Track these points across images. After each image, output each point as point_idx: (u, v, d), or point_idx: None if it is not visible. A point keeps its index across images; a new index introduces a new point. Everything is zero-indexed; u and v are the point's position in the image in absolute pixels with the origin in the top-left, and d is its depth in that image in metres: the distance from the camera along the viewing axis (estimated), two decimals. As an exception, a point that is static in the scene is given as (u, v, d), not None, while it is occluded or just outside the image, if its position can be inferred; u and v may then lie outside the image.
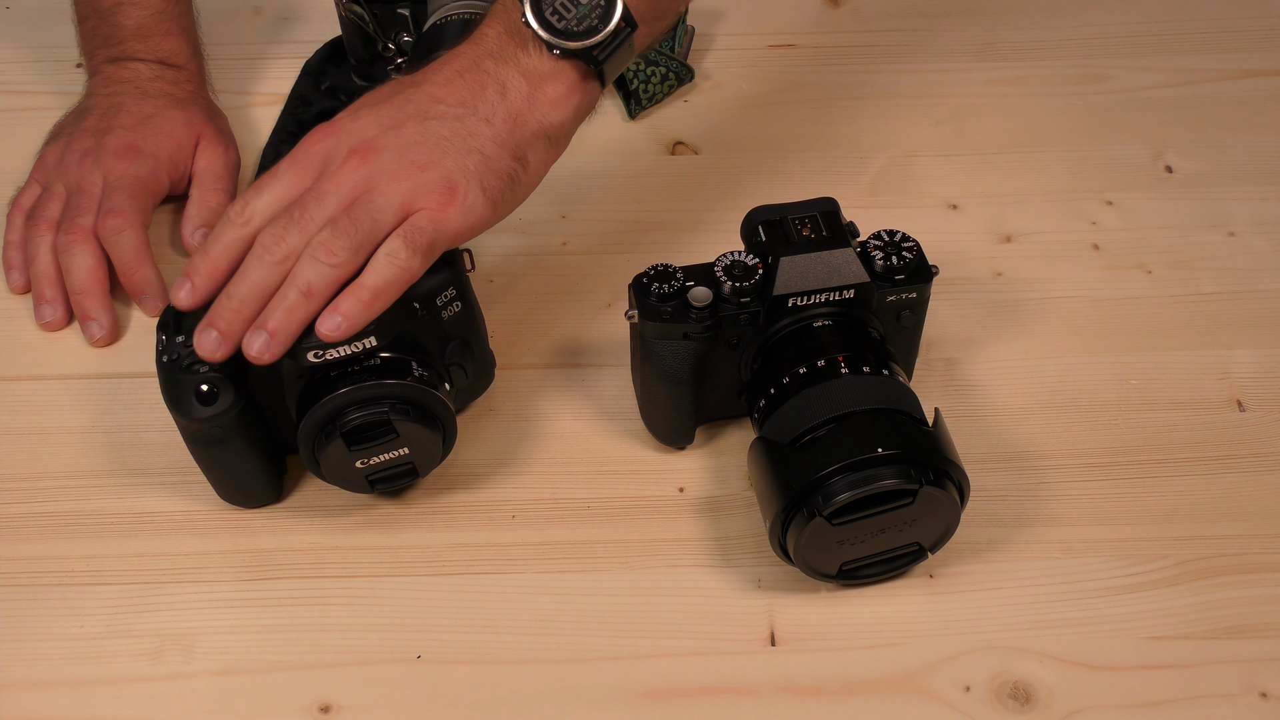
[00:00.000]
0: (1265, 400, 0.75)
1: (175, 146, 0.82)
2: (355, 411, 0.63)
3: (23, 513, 0.69)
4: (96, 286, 0.77)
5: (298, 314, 0.60)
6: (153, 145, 0.81)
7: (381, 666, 0.64)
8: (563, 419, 0.74)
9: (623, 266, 0.71)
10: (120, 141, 0.81)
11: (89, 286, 0.77)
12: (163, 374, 0.63)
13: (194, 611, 0.66)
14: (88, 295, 0.77)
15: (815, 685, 0.63)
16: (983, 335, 0.78)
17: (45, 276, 0.78)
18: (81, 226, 0.78)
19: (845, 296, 0.66)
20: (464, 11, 0.85)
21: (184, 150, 0.83)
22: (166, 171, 0.82)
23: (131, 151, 0.80)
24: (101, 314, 0.77)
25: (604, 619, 0.66)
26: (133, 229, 0.77)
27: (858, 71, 0.96)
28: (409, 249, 0.60)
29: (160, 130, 0.82)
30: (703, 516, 0.70)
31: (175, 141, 0.82)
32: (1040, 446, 0.72)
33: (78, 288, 0.77)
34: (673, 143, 0.91)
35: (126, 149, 0.80)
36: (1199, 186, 0.87)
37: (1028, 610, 0.66)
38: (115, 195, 0.78)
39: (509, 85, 0.64)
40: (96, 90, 0.84)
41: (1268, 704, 0.62)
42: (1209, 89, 0.95)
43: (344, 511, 0.70)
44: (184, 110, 0.84)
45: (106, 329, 0.77)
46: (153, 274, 0.78)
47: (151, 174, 0.80)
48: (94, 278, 0.77)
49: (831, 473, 0.60)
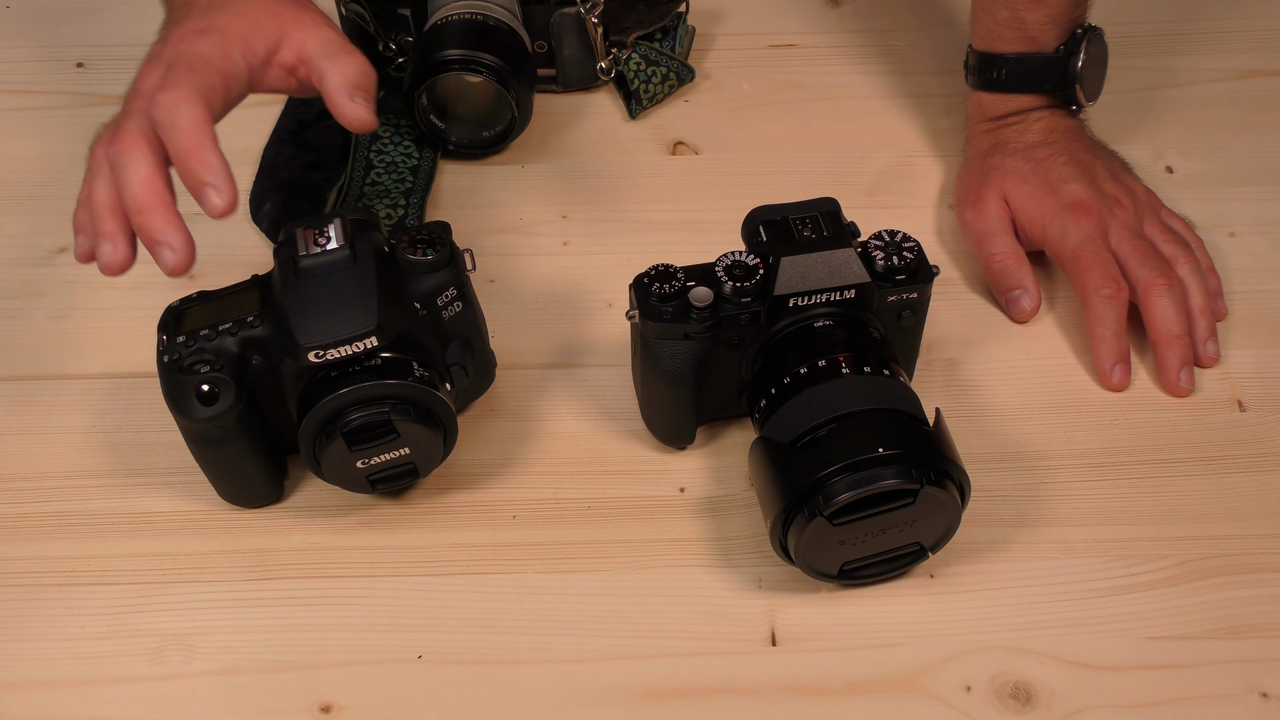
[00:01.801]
0: (1265, 400, 0.75)
1: (250, 25, 0.67)
2: (356, 411, 0.63)
3: (23, 513, 0.69)
4: (156, 198, 0.62)
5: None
6: (221, 22, 0.66)
7: (382, 666, 0.64)
8: (563, 419, 0.74)
9: (623, 266, 0.71)
10: (184, 30, 0.67)
11: (148, 200, 0.61)
12: (163, 374, 0.64)
13: (195, 611, 0.66)
14: (149, 211, 0.61)
15: (816, 685, 0.63)
16: (983, 335, 0.78)
17: (102, 206, 0.63)
18: (128, 129, 0.63)
19: (846, 297, 0.66)
20: (464, 11, 0.85)
21: (263, 31, 0.67)
22: (240, 51, 0.66)
23: (194, 34, 0.66)
24: (170, 233, 0.61)
25: (604, 619, 0.66)
26: (188, 101, 0.62)
27: (858, 71, 0.96)
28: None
29: (232, 10, 0.67)
30: (703, 516, 0.70)
31: (250, 20, 0.67)
32: (1041, 446, 0.72)
33: (135, 205, 0.61)
34: (673, 143, 0.91)
35: (189, 34, 0.66)
36: (1199, 186, 0.87)
37: (1028, 610, 0.66)
38: (171, 71, 0.64)
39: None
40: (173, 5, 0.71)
41: (1268, 704, 0.62)
42: (1209, 89, 0.95)
43: (344, 511, 0.70)
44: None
45: (180, 250, 0.61)
46: (215, 158, 0.62)
47: (220, 51, 0.65)
48: (151, 188, 0.62)
49: (832, 473, 0.60)
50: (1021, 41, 0.81)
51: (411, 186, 0.85)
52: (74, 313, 0.79)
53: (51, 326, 0.78)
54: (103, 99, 0.92)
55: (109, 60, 0.95)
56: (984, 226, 0.80)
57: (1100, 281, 0.75)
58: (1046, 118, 0.82)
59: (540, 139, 0.90)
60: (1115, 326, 0.75)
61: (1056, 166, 0.79)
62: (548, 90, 0.93)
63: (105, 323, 0.78)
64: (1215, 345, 0.76)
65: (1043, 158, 0.80)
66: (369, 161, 0.86)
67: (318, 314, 0.62)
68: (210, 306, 0.65)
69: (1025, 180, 0.79)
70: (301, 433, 0.63)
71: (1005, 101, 0.83)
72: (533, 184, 0.87)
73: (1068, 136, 0.82)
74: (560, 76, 0.92)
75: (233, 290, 0.66)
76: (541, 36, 0.90)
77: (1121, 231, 0.77)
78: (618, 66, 0.92)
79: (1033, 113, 0.82)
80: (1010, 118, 0.83)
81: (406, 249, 0.65)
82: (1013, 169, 0.80)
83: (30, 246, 0.83)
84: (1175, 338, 0.74)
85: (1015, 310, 0.78)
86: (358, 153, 0.86)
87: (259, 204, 0.84)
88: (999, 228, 0.80)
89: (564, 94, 0.93)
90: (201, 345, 0.63)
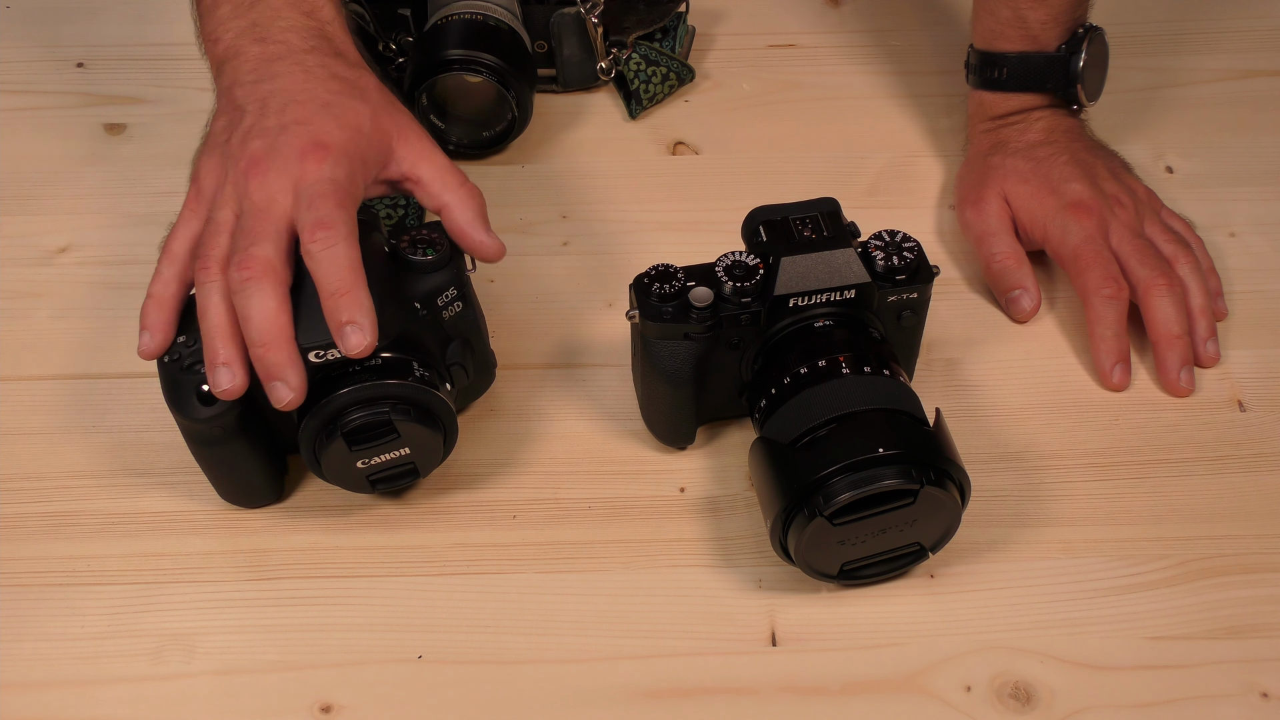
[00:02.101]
0: (1265, 400, 0.75)
1: (366, 144, 0.64)
2: (356, 411, 0.63)
3: (23, 513, 0.69)
4: (281, 334, 0.60)
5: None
6: (340, 140, 0.63)
7: (382, 666, 0.64)
8: (563, 419, 0.74)
9: (623, 266, 0.71)
10: (299, 140, 0.62)
11: (273, 336, 0.60)
12: (163, 374, 0.64)
13: (195, 611, 0.66)
14: (273, 347, 0.60)
15: (816, 685, 0.63)
16: (983, 335, 0.78)
17: (219, 331, 0.61)
18: (259, 258, 0.60)
19: (846, 297, 0.66)
20: (464, 11, 0.85)
21: (376, 148, 0.65)
22: (361, 175, 0.64)
23: (318, 150, 0.62)
24: (291, 370, 0.60)
25: (605, 619, 0.66)
26: (346, 241, 0.60)
27: (858, 71, 0.96)
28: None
29: (344, 122, 0.64)
30: (704, 516, 0.70)
31: (365, 137, 0.64)
32: (1041, 446, 0.72)
33: (259, 339, 0.60)
34: (673, 143, 0.91)
35: (311, 147, 0.62)
36: (1199, 186, 0.87)
37: (1029, 610, 0.66)
38: (318, 205, 0.61)
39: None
40: (239, 80, 0.66)
41: (1268, 704, 0.62)
42: (1209, 89, 0.95)
43: (345, 511, 0.70)
44: (365, 102, 0.66)
45: (297, 389, 0.61)
46: (367, 299, 0.60)
47: (349, 177, 0.63)
48: (277, 324, 0.60)
49: (832, 473, 0.60)
50: (1023, 40, 0.81)
51: (412, 186, 0.85)
52: (74, 313, 0.79)
53: (51, 326, 0.78)
54: (103, 99, 0.92)
55: (109, 60, 0.96)
56: (984, 226, 0.80)
57: (1100, 281, 0.75)
58: (1047, 117, 0.82)
59: (540, 139, 0.90)
60: (1115, 326, 0.75)
61: (1057, 166, 0.79)
62: (548, 90, 0.93)
63: (105, 323, 0.78)
64: (1215, 345, 0.76)
65: (1043, 157, 0.80)
66: (369, 161, 0.86)
67: (318, 314, 0.61)
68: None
69: (1026, 180, 0.79)
70: (302, 432, 0.63)
71: (1006, 101, 0.83)
72: (533, 184, 0.87)
73: (1068, 136, 0.82)
74: (560, 76, 0.92)
75: (233, 290, 0.66)
76: (541, 36, 0.90)
77: (1122, 231, 0.77)
78: (618, 66, 0.92)
79: (1033, 112, 0.82)
80: (1011, 117, 0.83)
81: (406, 249, 0.65)
82: (1013, 168, 0.80)
83: (30, 246, 0.83)
84: (1175, 338, 0.74)
85: (1015, 310, 0.78)
86: (358, 153, 0.86)
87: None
88: (999, 227, 0.80)
89: (564, 94, 0.93)
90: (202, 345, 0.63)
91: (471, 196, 0.67)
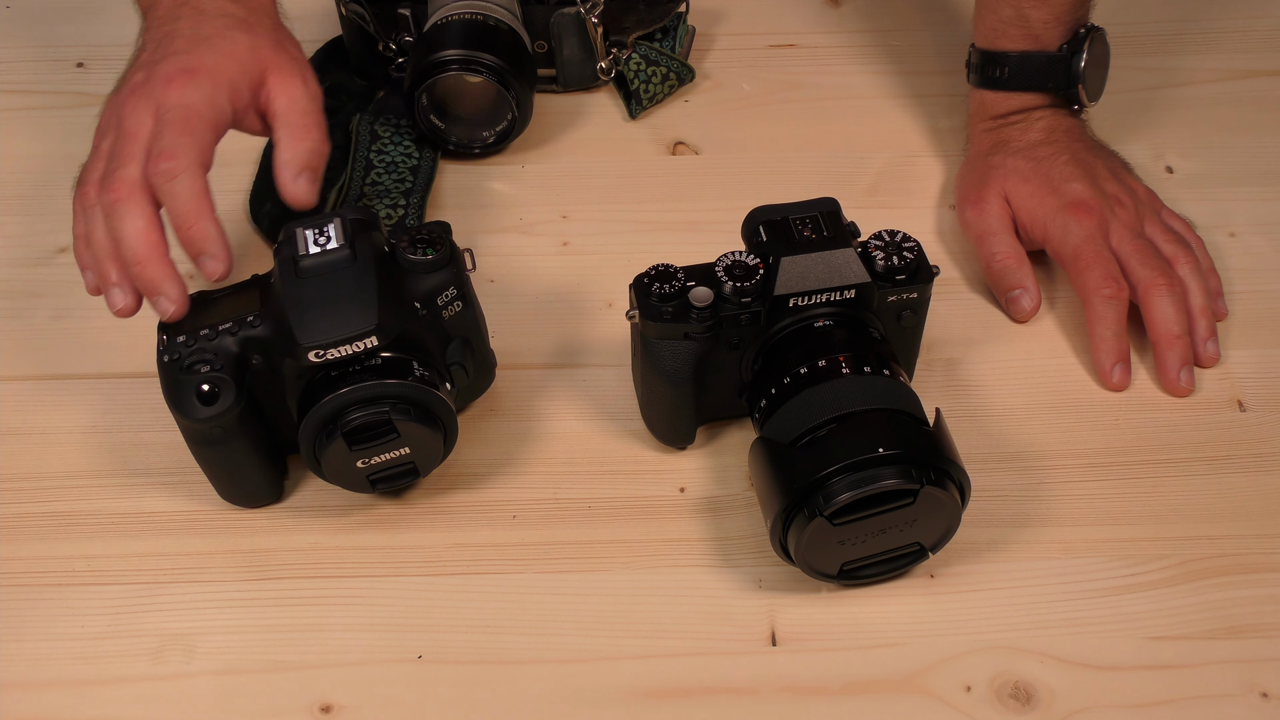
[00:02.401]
0: (1265, 400, 0.75)
1: (237, 68, 0.68)
2: (356, 411, 0.63)
3: (23, 513, 0.69)
4: (153, 251, 0.64)
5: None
6: (210, 64, 0.67)
7: (382, 666, 0.64)
8: (563, 419, 0.74)
9: (623, 266, 0.71)
10: (171, 67, 0.67)
11: (144, 253, 0.64)
12: (163, 373, 0.64)
13: (194, 611, 0.66)
14: (146, 263, 0.64)
15: (816, 685, 0.63)
16: (983, 335, 0.78)
17: (105, 253, 0.65)
18: (124, 179, 0.64)
19: (846, 297, 0.66)
20: (464, 11, 0.85)
21: (248, 75, 0.69)
22: (228, 96, 0.68)
23: (183, 75, 0.67)
24: (168, 284, 0.64)
25: (604, 619, 0.66)
26: (188, 172, 0.64)
27: (858, 71, 0.96)
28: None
29: (219, 50, 0.68)
30: (703, 516, 0.70)
31: (237, 63, 0.68)
32: (1041, 446, 0.72)
33: (133, 257, 0.64)
34: (673, 143, 0.91)
35: (177, 73, 0.67)
36: (1199, 186, 0.87)
37: (1028, 610, 0.66)
38: (165, 133, 0.65)
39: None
40: (151, 25, 0.72)
41: (1268, 704, 0.62)
42: (1209, 89, 0.95)
43: (345, 511, 0.70)
44: (248, 33, 0.70)
45: (176, 300, 0.64)
46: (213, 227, 0.65)
47: (209, 100, 0.67)
48: (147, 241, 0.64)
49: (832, 473, 0.60)
50: (1025, 40, 0.81)
51: (411, 186, 0.85)
52: (74, 313, 0.79)
53: (51, 326, 0.78)
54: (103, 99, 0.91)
55: (109, 60, 0.95)
56: (985, 226, 0.80)
57: (1101, 281, 0.75)
58: (1048, 117, 0.82)
59: (540, 139, 0.90)
60: (1115, 326, 0.75)
61: (1058, 166, 0.79)
62: (548, 90, 0.93)
63: (105, 323, 0.77)
64: (1215, 345, 0.76)
65: (1044, 157, 0.80)
66: (369, 161, 0.86)
67: (318, 314, 0.62)
68: (210, 306, 0.65)
69: (1026, 179, 0.79)
70: (302, 432, 0.63)
71: (1007, 100, 0.83)
72: (533, 184, 0.87)
73: (1069, 136, 0.82)
74: (560, 76, 0.92)
75: (233, 290, 0.66)
76: (541, 36, 0.90)
77: (1122, 231, 0.77)
78: (618, 66, 0.92)
79: (1034, 112, 0.82)
80: (1012, 116, 0.83)
81: (406, 249, 0.65)
82: (1014, 168, 0.80)
83: (30, 246, 0.83)
84: (1175, 338, 0.74)
85: (1015, 310, 0.78)
86: (358, 152, 0.86)
87: (259, 204, 0.84)
88: (1000, 227, 0.80)
89: (564, 94, 0.93)
90: (202, 345, 0.63)
91: (303, 140, 0.69)
